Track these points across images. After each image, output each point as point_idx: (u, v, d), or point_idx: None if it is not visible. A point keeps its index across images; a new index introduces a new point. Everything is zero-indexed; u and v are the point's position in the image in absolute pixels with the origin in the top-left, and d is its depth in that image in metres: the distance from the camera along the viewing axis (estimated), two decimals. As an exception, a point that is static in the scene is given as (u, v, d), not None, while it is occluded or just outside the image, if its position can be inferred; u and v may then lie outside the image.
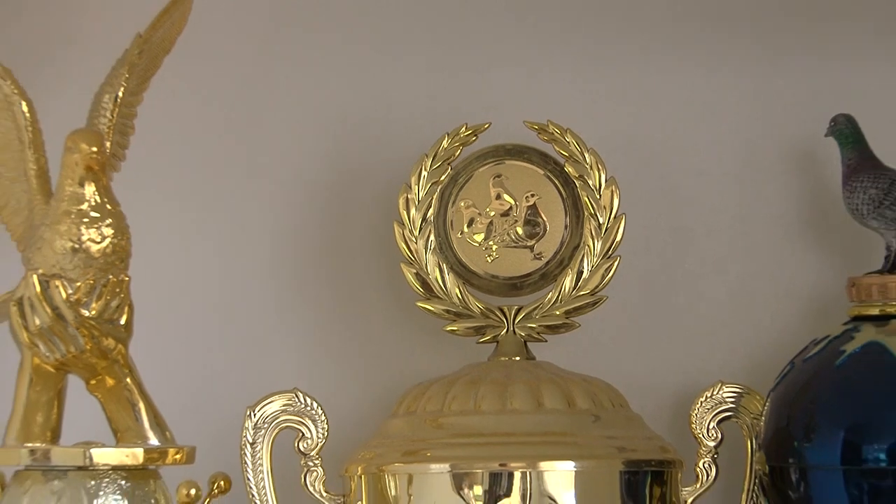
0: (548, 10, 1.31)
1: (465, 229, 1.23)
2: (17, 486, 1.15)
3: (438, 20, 1.32)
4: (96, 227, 1.12)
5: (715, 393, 1.21)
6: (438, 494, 1.15)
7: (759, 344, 1.30)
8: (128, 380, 1.15)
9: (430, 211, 1.22)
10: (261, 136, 1.32)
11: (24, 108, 1.15)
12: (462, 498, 1.15)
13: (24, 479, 1.15)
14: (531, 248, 1.23)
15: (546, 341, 1.24)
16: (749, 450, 1.21)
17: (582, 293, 1.22)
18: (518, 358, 1.23)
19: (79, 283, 1.12)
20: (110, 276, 1.13)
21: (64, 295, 1.12)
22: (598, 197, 1.21)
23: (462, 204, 1.23)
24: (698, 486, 1.21)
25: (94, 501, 1.13)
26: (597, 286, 1.22)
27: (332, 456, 1.21)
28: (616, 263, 1.22)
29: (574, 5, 1.32)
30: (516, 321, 1.23)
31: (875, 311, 1.19)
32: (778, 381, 1.20)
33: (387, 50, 1.32)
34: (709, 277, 1.32)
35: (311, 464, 1.20)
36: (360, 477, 1.18)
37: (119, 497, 1.14)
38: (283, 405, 1.20)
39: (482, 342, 1.24)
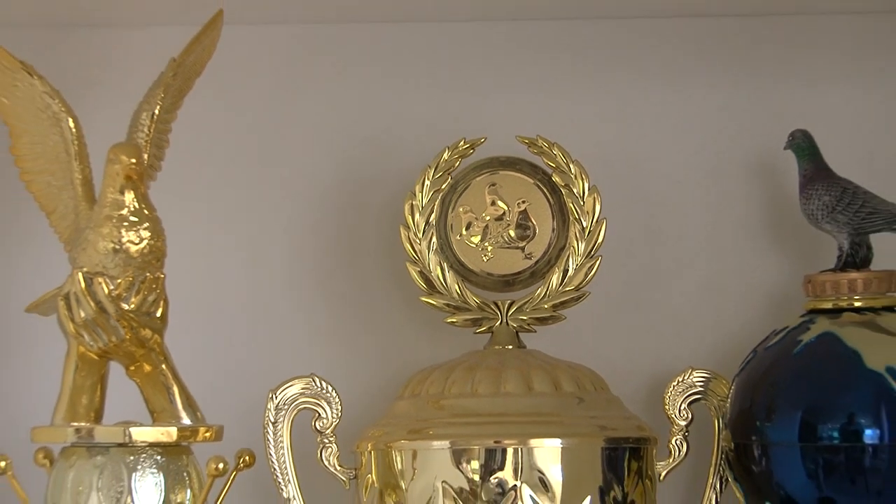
0: (538, 42, 1.32)
1: (464, 232, 1.23)
2: (64, 461, 1.14)
3: (441, 50, 1.33)
4: (135, 230, 1.13)
5: (686, 378, 1.21)
6: (439, 468, 1.15)
7: (726, 334, 1.30)
8: (163, 366, 1.16)
9: (433, 216, 1.23)
10: (284, 150, 1.33)
11: (71, 124, 1.15)
12: (461, 471, 1.15)
13: (70, 454, 1.14)
14: (522, 248, 1.23)
15: (535, 332, 1.24)
16: (716, 428, 1.21)
17: (567, 289, 1.22)
18: (510, 347, 1.23)
19: (119, 280, 1.13)
20: (147, 274, 1.13)
21: (106, 290, 1.13)
22: (581, 203, 1.22)
23: (461, 209, 1.23)
24: (671, 460, 1.21)
25: (133, 475, 1.13)
26: (581, 283, 1.22)
27: (345, 434, 1.21)
28: (598, 263, 1.22)
29: (561, 39, 1.32)
30: (509, 314, 1.23)
31: (828, 305, 1.19)
32: (742, 367, 1.20)
33: (396, 76, 1.33)
34: (680, 275, 1.32)
35: (326, 441, 1.21)
36: (370, 452, 1.18)
37: (155, 471, 1.14)
38: (302, 388, 1.20)
39: (478, 332, 1.24)
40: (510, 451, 1.15)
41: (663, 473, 1.21)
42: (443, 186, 1.23)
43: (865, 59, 1.32)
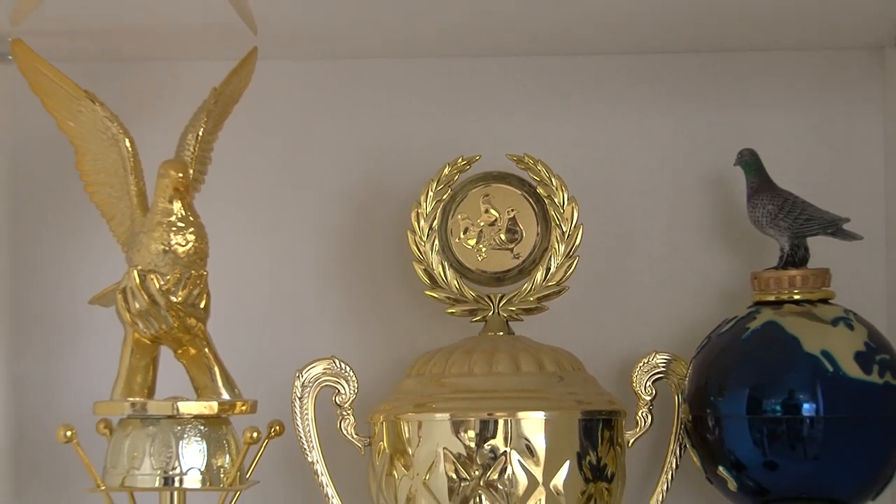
0: (525, 75, 1.32)
1: (462, 236, 1.23)
2: (121, 430, 1.15)
3: (442, 81, 1.32)
4: (182, 234, 1.13)
5: (650, 360, 1.22)
6: (441, 436, 1.16)
7: (684, 322, 1.30)
8: (206, 349, 1.16)
9: (435, 222, 1.23)
10: (309, 166, 1.33)
11: (128, 144, 1.15)
12: (459, 439, 1.15)
13: (126, 425, 1.15)
14: (511, 250, 1.23)
15: (522, 320, 1.24)
16: (676, 403, 1.21)
17: (550, 284, 1.22)
18: (501, 333, 1.23)
19: (168, 277, 1.13)
20: (192, 272, 1.14)
21: (157, 285, 1.13)
22: (562, 211, 1.21)
23: (459, 216, 1.23)
24: (637, 430, 1.21)
25: (180, 442, 1.13)
26: (561, 279, 1.22)
27: (361, 407, 1.21)
28: (575, 262, 1.22)
29: (544, 72, 1.32)
30: (500, 305, 1.23)
31: (772, 298, 1.19)
32: (698, 350, 1.21)
33: (403, 104, 1.32)
34: (646, 272, 1.32)
35: (344, 413, 1.21)
36: (382, 423, 1.19)
37: (199, 439, 1.14)
38: (324, 369, 1.21)
39: (474, 321, 1.24)
40: (501, 422, 1.15)
41: (631, 441, 1.21)
42: (444, 197, 1.23)
43: (801, 88, 1.31)
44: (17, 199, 1.29)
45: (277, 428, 1.16)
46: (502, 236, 1.23)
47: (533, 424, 1.15)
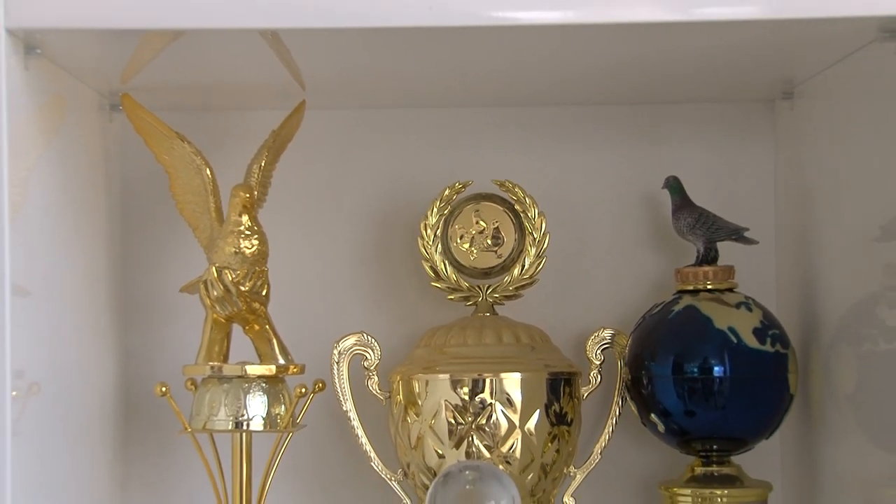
0: (507, 121, 1.31)
1: (458, 241, 1.22)
2: (203, 387, 1.15)
3: (443, 125, 1.32)
4: (248, 240, 1.13)
5: (600, 334, 1.22)
6: (442, 391, 1.16)
7: (625, 306, 1.29)
8: (266, 326, 1.16)
9: (438, 230, 1.23)
10: (344, 189, 1.32)
11: (208, 172, 1.16)
12: (456, 394, 1.15)
13: (207, 383, 1.15)
14: (495, 251, 1.22)
15: (504, 304, 1.24)
16: (619, 366, 1.21)
17: (524, 277, 1.22)
18: (488, 314, 1.23)
19: (238, 272, 1.13)
20: (256, 268, 1.14)
21: (230, 278, 1.13)
22: (534, 223, 1.22)
23: (456, 226, 1.22)
24: (590, 387, 1.21)
25: (247, 396, 1.13)
26: (533, 273, 1.22)
27: (383, 369, 1.22)
28: (544, 261, 1.22)
29: (521, 119, 1.31)
30: (487, 293, 1.23)
31: (690, 288, 1.19)
32: (635, 327, 1.21)
33: (415, 142, 1.32)
34: (597, 269, 1.31)
35: (370, 374, 1.21)
36: (399, 381, 1.19)
37: (261, 393, 1.14)
38: (355, 340, 1.21)
39: (467, 305, 1.24)
40: (488, 380, 1.16)
41: (585, 395, 1.21)
42: (445, 212, 1.23)
43: (710, 131, 1.31)
44: (127, 214, 1.30)
45: (320, 385, 1.16)
46: (489, 241, 1.22)
47: (512, 382, 1.16)
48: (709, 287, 1.19)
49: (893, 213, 1.00)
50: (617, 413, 1.22)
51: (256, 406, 1.13)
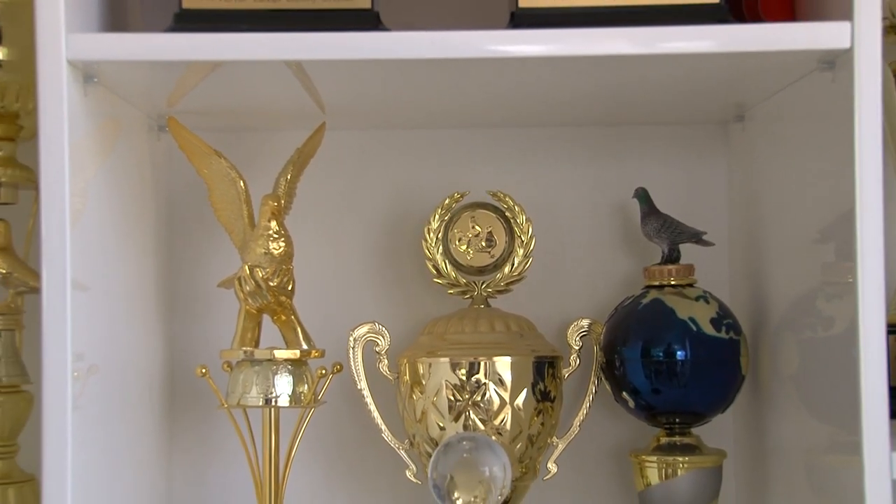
0: (499, 141, 1.31)
1: (457, 243, 1.22)
2: (237, 369, 1.15)
3: (446, 144, 1.31)
4: (276, 242, 1.13)
5: (579, 323, 1.22)
6: (443, 372, 1.16)
7: (600, 299, 1.29)
8: (292, 316, 1.16)
9: (440, 234, 1.22)
10: (359, 199, 1.31)
11: (242, 184, 1.16)
12: (455, 374, 1.15)
13: (240, 365, 1.15)
14: (489, 252, 1.22)
15: (496, 298, 1.24)
16: (595, 351, 1.21)
17: (514, 275, 1.22)
18: (482, 306, 1.23)
19: (268, 270, 1.13)
20: (283, 266, 1.14)
21: (261, 275, 1.13)
22: (522, 228, 1.22)
23: (455, 231, 1.22)
24: (570, 368, 1.21)
25: (276, 376, 1.13)
26: (521, 271, 1.22)
27: (392, 354, 1.21)
28: (530, 261, 1.22)
29: (511, 139, 1.31)
30: (481, 288, 1.23)
31: (656, 283, 1.19)
32: (609, 317, 1.21)
33: (421, 158, 1.31)
34: (576, 267, 1.31)
35: (381, 358, 1.21)
36: (406, 364, 1.19)
37: (287, 374, 1.14)
38: (368, 329, 1.21)
39: (464, 299, 1.24)
40: (482, 363, 1.15)
41: (566, 375, 1.21)
42: (446, 218, 1.23)
43: (673, 149, 1.31)
44: (172, 220, 1.30)
45: (338, 367, 1.16)
46: (483, 243, 1.22)
47: (503, 365, 1.16)
48: (672, 283, 1.19)
49: (829, 219, 1.00)
50: (593, 391, 1.22)
51: (283, 385, 1.13)
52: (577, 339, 1.22)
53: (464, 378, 1.15)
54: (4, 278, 1.20)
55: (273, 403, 1.13)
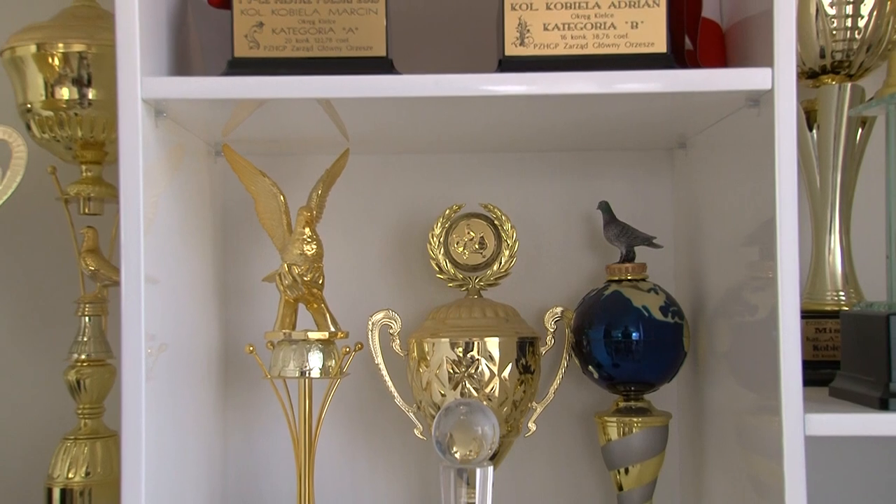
0: (491, 163, 1.30)
1: (455, 246, 1.21)
2: (278, 347, 1.14)
3: (447, 165, 1.30)
4: (310, 245, 1.13)
5: (554, 310, 1.21)
6: (444, 350, 1.15)
7: (571, 291, 1.28)
8: (322, 305, 1.16)
9: (442, 239, 1.22)
10: (376, 209, 1.31)
11: (281, 198, 1.16)
12: (454, 352, 1.15)
13: (280, 344, 1.14)
14: (481, 253, 1.21)
15: (487, 290, 1.23)
16: (566, 333, 1.20)
17: (501, 272, 1.22)
18: (476, 297, 1.22)
19: (303, 267, 1.13)
20: (315, 265, 1.13)
21: (297, 272, 1.13)
22: (508, 233, 1.21)
23: (454, 236, 1.21)
24: (546, 347, 1.20)
25: (309, 353, 1.13)
26: (507, 269, 1.22)
27: (403, 335, 1.21)
28: (515, 260, 1.21)
29: (502, 161, 1.30)
30: (475, 282, 1.22)
31: (616, 278, 1.19)
32: (578, 306, 1.20)
33: (427, 176, 1.31)
34: (551, 265, 1.30)
35: (394, 338, 1.20)
36: (414, 344, 1.19)
37: (318, 351, 1.13)
38: (384, 315, 1.20)
39: (462, 290, 1.23)
40: (475, 342, 1.15)
41: (543, 352, 1.20)
42: (447, 225, 1.22)
43: (629, 171, 1.30)
44: (226, 226, 1.29)
45: (359, 345, 1.16)
46: (476, 246, 1.22)
47: (493, 344, 1.16)
48: (629, 278, 1.18)
49: (754, 226, 1.00)
50: (565, 365, 1.21)
51: (315, 360, 1.13)
52: (552, 323, 1.21)
53: (461, 355, 1.15)
54: (93, 274, 1.21)
55: (307, 375, 1.13)
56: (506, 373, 1.15)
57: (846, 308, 1.14)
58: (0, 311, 1.32)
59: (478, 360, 1.15)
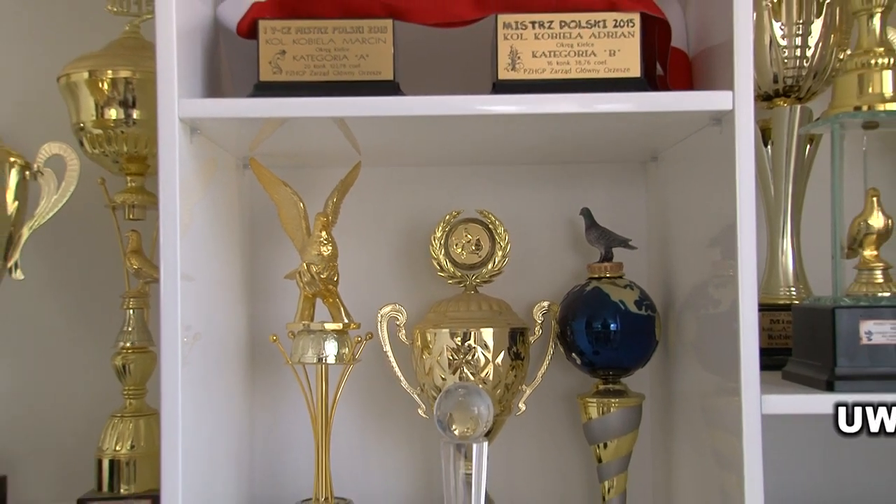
0: (486, 174, 1.30)
1: (454, 247, 1.21)
2: (298, 336, 1.14)
3: (447, 177, 1.30)
4: (326, 246, 1.13)
5: (542, 304, 1.20)
6: (445, 339, 1.15)
7: (556, 287, 1.27)
8: (337, 300, 1.15)
9: (443, 241, 1.21)
10: (384, 215, 1.30)
11: (301, 204, 1.16)
12: (453, 341, 1.14)
13: (300, 334, 1.14)
14: (477, 254, 1.21)
15: (482, 286, 1.23)
16: (553, 324, 1.20)
17: (495, 270, 1.21)
18: (473, 292, 1.22)
19: (320, 266, 1.13)
20: (331, 264, 1.13)
21: (315, 270, 1.13)
22: (501, 236, 1.21)
23: (453, 238, 1.21)
24: (535, 337, 1.20)
25: (325, 342, 1.13)
26: (500, 268, 1.21)
27: (409, 326, 1.21)
28: (507, 260, 1.21)
29: (496, 173, 1.30)
30: (472, 279, 1.22)
31: (596, 276, 1.19)
32: (563, 300, 1.20)
33: (430, 186, 1.30)
34: (539, 265, 1.30)
35: (400, 329, 1.20)
36: (418, 333, 1.18)
37: (334, 340, 1.13)
38: (392, 308, 1.20)
39: (460, 286, 1.23)
40: (473, 333, 1.15)
41: (532, 341, 1.20)
42: (447, 229, 1.22)
43: (607, 180, 1.28)
44: (253, 230, 1.29)
45: (370, 335, 1.17)
46: (473, 248, 1.21)
47: (487, 334, 1.15)
48: (607, 275, 1.18)
49: (717, 230, 1.01)
50: (551, 353, 1.20)
51: (331, 348, 1.13)
52: (540, 315, 1.20)
53: (459, 343, 1.14)
54: (137, 272, 1.23)
55: (324, 361, 1.13)
56: (499, 359, 1.15)
57: (797, 302, 1.14)
58: (57, 304, 1.33)
59: (474, 348, 1.14)
